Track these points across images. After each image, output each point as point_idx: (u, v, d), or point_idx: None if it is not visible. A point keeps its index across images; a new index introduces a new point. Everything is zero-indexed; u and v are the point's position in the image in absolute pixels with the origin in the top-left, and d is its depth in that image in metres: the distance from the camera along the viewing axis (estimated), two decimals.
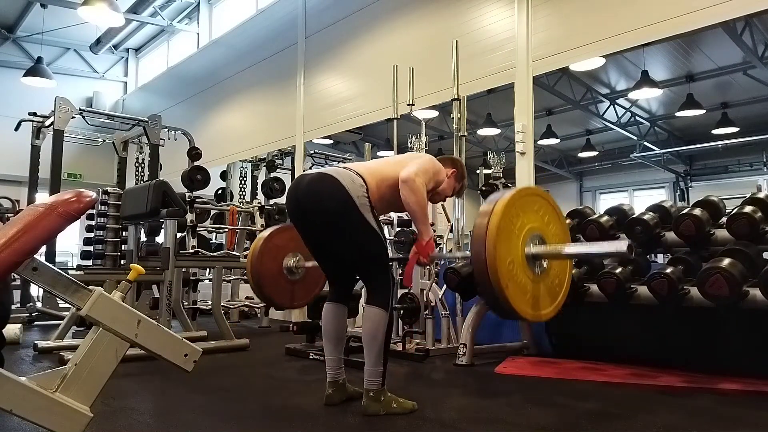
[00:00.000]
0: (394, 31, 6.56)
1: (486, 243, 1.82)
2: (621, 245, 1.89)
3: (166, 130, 7.51)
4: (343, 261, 2.56)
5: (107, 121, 8.01)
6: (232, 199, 8.35)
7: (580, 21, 4.84)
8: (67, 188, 1.93)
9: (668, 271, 2.95)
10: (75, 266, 8.50)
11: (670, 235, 3.23)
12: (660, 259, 5.88)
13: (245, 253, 6.00)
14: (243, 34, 9.00)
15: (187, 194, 5.65)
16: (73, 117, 6.62)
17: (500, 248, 1.82)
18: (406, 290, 4.14)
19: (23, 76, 10.18)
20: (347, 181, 2.34)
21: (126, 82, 13.14)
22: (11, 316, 5.59)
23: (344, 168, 2.45)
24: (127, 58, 13.19)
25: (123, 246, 6.08)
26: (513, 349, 3.94)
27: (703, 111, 9.84)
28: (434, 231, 3.28)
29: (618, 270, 3.17)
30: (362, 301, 4.28)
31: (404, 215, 5.33)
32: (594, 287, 3.26)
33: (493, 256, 1.81)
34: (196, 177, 5.77)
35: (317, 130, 7.53)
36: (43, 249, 4.32)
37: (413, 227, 2.95)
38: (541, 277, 1.96)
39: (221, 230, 6.64)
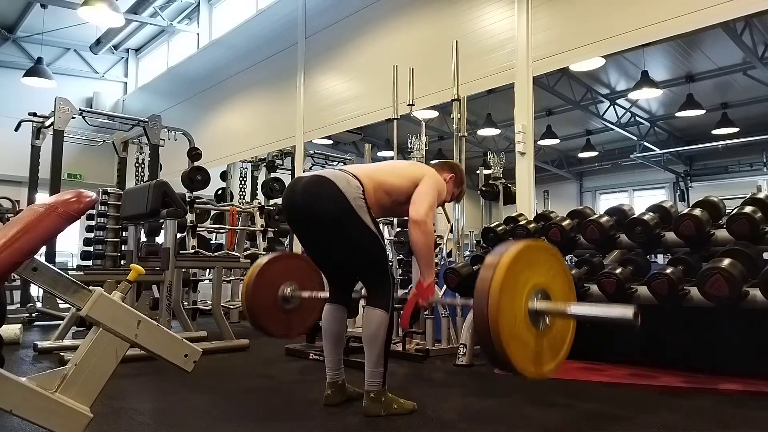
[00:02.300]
0: (394, 31, 6.56)
1: (489, 297, 1.81)
2: (627, 312, 1.89)
3: (166, 130, 7.50)
4: (341, 263, 2.56)
5: (107, 121, 8.00)
6: (232, 200, 8.34)
7: (580, 21, 4.84)
8: (67, 188, 1.93)
9: (668, 271, 2.95)
10: (75, 266, 8.50)
11: (670, 236, 3.23)
12: (660, 259, 5.88)
13: (245, 253, 6.01)
14: (243, 34, 9.01)
15: (187, 194, 5.65)
16: (73, 117, 6.62)
17: (504, 303, 1.82)
18: (406, 290, 4.14)
19: (23, 76, 10.19)
20: (343, 183, 2.34)
21: (126, 83, 13.15)
22: (11, 316, 5.61)
23: (340, 170, 2.44)
24: (127, 59, 13.20)
25: (123, 246, 6.07)
26: None
27: (703, 111, 9.84)
28: (434, 231, 3.26)
29: (618, 270, 3.17)
30: (362, 302, 4.29)
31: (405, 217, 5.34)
32: (594, 287, 3.26)
33: (496, 311, 1.80)
34: (196, 177, 5.78)
35: (317, 131, 7.54)
36: (43, 249, 4.32)
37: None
38: (543, 333, 1.95)
39: (221, 230, 6.64)
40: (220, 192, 8.57)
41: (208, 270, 6.26)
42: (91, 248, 6.33)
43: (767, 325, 2.99)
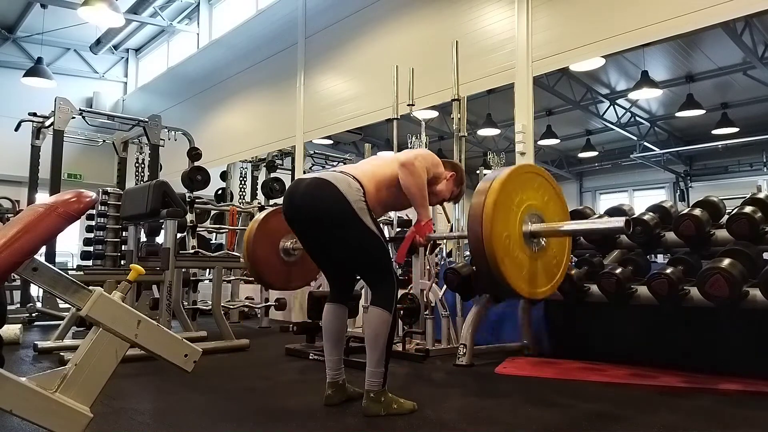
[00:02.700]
0: (394, 31, 6.56)
1: (483, 217, 1.81)
2: (618, 222, 1.89)
3: (166, 130, 7.51)
4: (342, 263, 2.56)
5: (107, 121, 8.01)
6: (232, 200, 8.35)
7: (580, 21, 4.84)
8: (67, 188, 1.93)
9: (668, 271, 2.95)
10: (75, 266, 8.51)
11: (670, 236, 3.23)
12: (660, 259, 5.88)
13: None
14: (243, 34, 9.00)
15: (187, 194, 5.65)
16: (73, 117, 6.62)
17: (497, 223, 1.82)
18: (406, 291, 4.14)
19: (23, 76, 10.18)
20: (344, 185, 2.34)
21: (126, 83, 13.15)
22: (11, 316, 5.61)
23: (341, 172, 2.44)
24: (127, 59, 13.20)
25: (123, 246, 6.07)
26: (513, 349, 3.93)
27: (703, 111, 9.84)
28: (434, 231, 3.26)
29: (618, 270, 3.17)
30: (362, 302, 4.29)
31: (404, 215, 5.34)
32: (594, 287, 3.26)
33: (490, 230, 1.80)
34: (196, 177, 5.77)
35: (317, 131, 7.53)
36: (43, 249, 4.32)
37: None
38: (538, 255, 1.95)
39: (221, 230, 6.64)
40: (220, 192, 8.57)
41: (208, 270, 6.26)
42: (91, 248, 6.33)
43: (767, 325, 2.99)
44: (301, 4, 7.87)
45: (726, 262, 2.74)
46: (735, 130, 10.72)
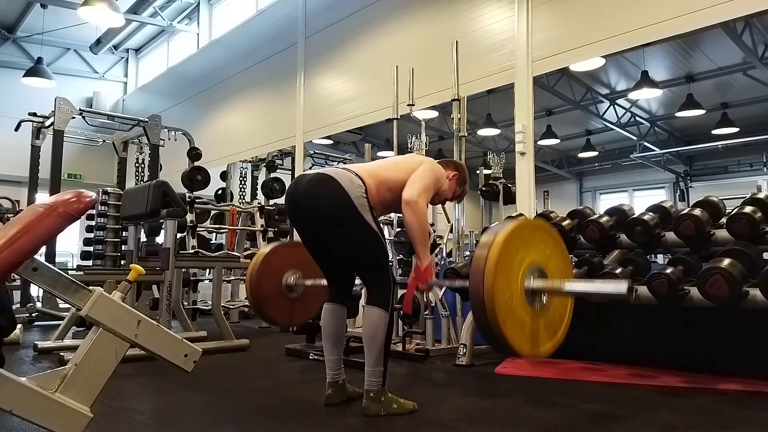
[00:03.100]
0: (394, 31, 6.56)
1: (484, 276, 1.79)
2: (621, 287, 1.88)
3: (166, 130, 7.51)
4: (342, 262, 2.56)
5: (107, 121, 8.00)
6: (232, 200, 8.35)
7: (580, 21, 4.84)
8: (67, 188, 1.93)
9: (668, 271, 2.95)
10: (75, 266, 8.50)
11: (670, 236, 3.23)
12: (660, 259, 5.88)
13: (245, 253, 6.01)
14: (243, 34, 9.00)
15: (187, 194, 5.65)
16: (73, 117, 6.62)
17: (499, 282, 1.80)
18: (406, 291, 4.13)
19: (23, 76, 10.18)
20: (346, 181, 2.34)
21: (126, 83, 13.15)
22: None
23: (343, 168, 2.44)
24: (127, 59, 13.20)
25: (123, 246, 6.07)
26: None
27: (703, 111, 9.84)
28: (434, 231, 3.27)
29: (618, 270, 3.17)
30: (362, 301, 4.29)
31: None
32: None
33: (491, 289, 1.78)
34: (196, 177, 5.78)
35: (317, 131, 7.54)
36: (43, 249, 4.32)
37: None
38: (540, 312, 1.93)
39: (221, 231, 6.64)
40: (220, 192, 8.57)
41: (208, 270, 6.26)
42: (91, 248, 6.33)
43: (767, 325, 2.99)
44: (301, 4, 7.87)
45: (726, 262, 2.73)
46: (735, 130, 10.72)
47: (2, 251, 1.55)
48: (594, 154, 13.41)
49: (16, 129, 7.07)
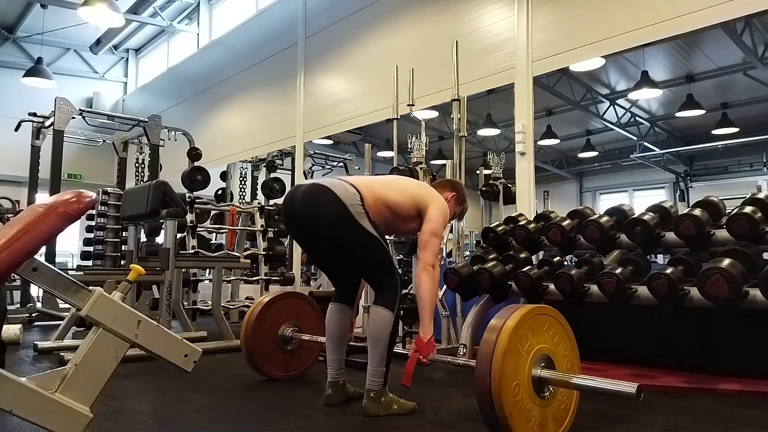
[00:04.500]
0: (394, 31, 6.56)
1: (492, 363, 1.78)
2: (630, 388, 1.87)
3: (166, 130, 7.51)
4: (344, 267, 2.56)
5: (107, 121, 8.01)
6: (232, 200, 8.35)
7: (580, 21, 4.84)
8: (67, 188, 1.93)
9: (668, 271, 2.95)
10: (75, 266, 8.50)
11: (670, 236, 3.23)
12: (660, 259, 5.88)
13: (245, 253, 6.01)
14: (243, 34, 9.00)
15: (187, 195, 5.65)
16: (73, 117, 6.62)
17: (507, 369, 1.78)
18: (406, 291, 4.14)
19: (23, 76, 10.19)
20: (340, 190, 2.36)
21: (126, 83, 13.15)
22: (10, 316, 5.60)
23: (338, 179, 2.46)
24: (127, 59, 13.20)
25: (123, 246, 6.07)
26: None
27: (703, 111, 9.84)
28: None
29: (618, 270, 3.17)
30: (362, 302, 4.29)
31: None
32: (594, 287, 3.26)
33: (499, 378, 1.76)
34: (196, 177, 5.77)
35: (317, 131, 7.53)
36: (43, 249, 4.32)
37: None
38: (548, 402, 1.92)
39: (221, 231, 6.63)
40: (220, 192, 8.57)
41: (208, 270, 6.26)
42: (91, 248, 6.33)
43: (767, 325, 2.99)
44: (301, 4, 7.87)
45: (726, 262, 2.73)
46: (735, 130, 10.72)
47: (2, 251, 1.55)
48: (594, 154, 13.41)
49: (16, 129, 7.07)
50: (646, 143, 12.41)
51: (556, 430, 1.95)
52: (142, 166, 7.65)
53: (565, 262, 3.81)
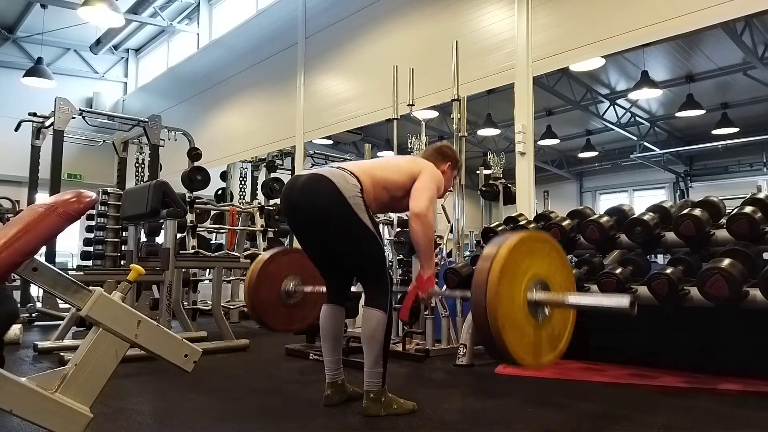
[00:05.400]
0: (394, 31, 6.56)
1: (488, 282, 1.80)
2: (623, 301, 1.90)
3: (166, 130, 7.51)
4: (338, 262, 2.56)
5: (107, 121, 8.01)
6: (232, 200, 8.35)
7: (580, 21, 4.84)
8: (67, 188, 1.93)
9: (668, 271, 2.95)
10: (75, 266, 8.50)
11: (670, 236, 3.23)
12: (660, 259, 5.88)
13: (245, 253, 6.01)
14: (243, 34, 9.01)
15: (187, 195, 5.65)
16: (73, 117, 6.62)
17: (502, 289, 1.80)
18: (403, 291, 4.13)
19: (23, 76, 10.19)
20: (340, 181, 2.34)
21: (126, 83, 13.15)
22: None
23: (338, 168, 2.44)
24: (127, 59, 13.20)
25: (123, 246, 6.07)
26: None
27: (703, 111, 9.84)
28: (434, 231, 3.24)
29: (618, 270, 3.17)
30: (362, 302, 4.29)
31: (404, 215, 5.34)
32: (594, 287, 3.26)
33: (495, 293, 1.78)
34: (196, 177, 5.78)
35: (317, 131, 7.54)
36: (43, 249, 4.32)
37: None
38: (542, 324, 1.94)
39: (221, 231, 6.64)
40: (220, 192, 8.57)
41: (208, 270, 6.26)
42: (91, 248, 6.33)
43: (767, 325, 2.99)
44: (301, 4, 7.87)
45: (726, 262, 2.73)
46: (735, 130, 10.72)
47: (2, 251, 1.55)
48: (594, 154, 13.40)
49: (16, 129, 7.07)
50: (646, 143, 12.41)
51: (552, 350, 1.98)
52: (142, 166, 7.65)
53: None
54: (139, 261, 4.65)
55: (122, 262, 5.99)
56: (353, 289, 2.78)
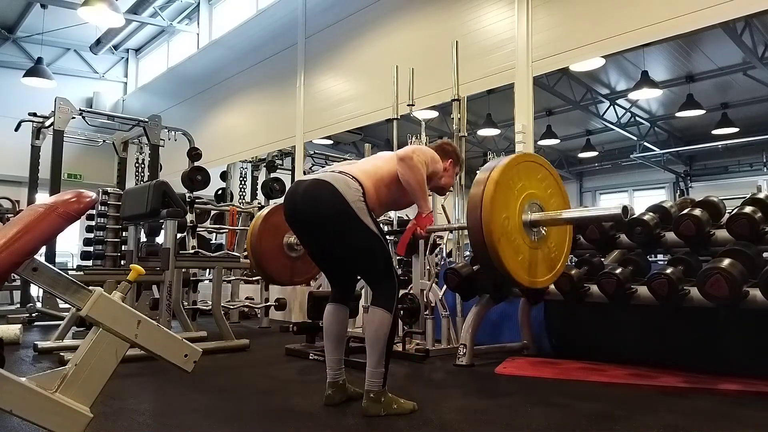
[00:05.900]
0: (394, 31, 6.56)
1: (483, 198, 1.81)
2: (615, 210, 1.92)
3: (166, 130, 7.51)
4: (343, 264, 2.56)
5: (107, 121, 8.02)
6: (232, 200, 8.34)
7: (580, 21, 4.84)
8: (67, 188, 1.93)
9: (668, 271, 2.95)
10: (75, 266, 8.51)
11: (670, 236, 3.23)
12: (660, 259, 5.87)
13: (245, 253, 6.01)
14: (243, 34, 9.00)
15: (187, 195, 5.65)
16: (73, 117, 6.63)
17: (497, 204, 1.82)
18: (405, 291, 4.14)
19: (23, 76, 10.19)
20: (343, 186, 2.35)
21: (126, 83, 13.15)
22: (10, 316, 5.60)
23: (340, 172, 2.44)
24: (127, 59, 13.20)
25: (123, 246, 6.08)
26: (513, 349, 3.94)
27: (703, 111, 9.84)
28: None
29: (618, 270, 3.17)
30: (363, 302, 4.29)
31: (404, 215, 5.35)
32: (594, 287, 3.26)
33: (489, 207, 1.79)
34: (196, 177, 5.77)
35: (317, 131, 7.53)
36: (43, 249, 4.32)
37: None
38: (538, 244, 1.95)
39: (221, 231, 6.64)
40: (220, 192, 8.57)
41: (208, 270, 6.26)
42: (91, 248, 6.33)
43: (767, 325, 2.99)
44: (301, 4, 7.87)
45: (726, 262, 2.73)
46: (735, 130, 10.72)
47: (2, 251, 1.55)
48: (594, 154, 13.41)
49: (16, 129, 7.07)
50: (646, 143, 12.41)
51: (548, 271, 2.00)
52: (142, 166, 7.65)
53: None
54: (139, 261, 4.65)
55: (122, 262, 5.99)
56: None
